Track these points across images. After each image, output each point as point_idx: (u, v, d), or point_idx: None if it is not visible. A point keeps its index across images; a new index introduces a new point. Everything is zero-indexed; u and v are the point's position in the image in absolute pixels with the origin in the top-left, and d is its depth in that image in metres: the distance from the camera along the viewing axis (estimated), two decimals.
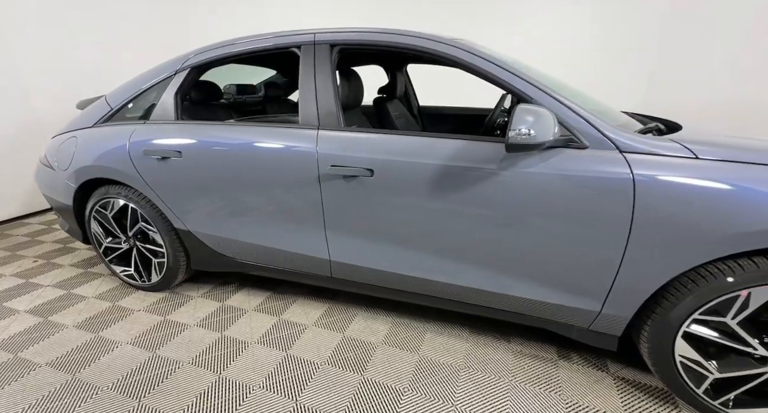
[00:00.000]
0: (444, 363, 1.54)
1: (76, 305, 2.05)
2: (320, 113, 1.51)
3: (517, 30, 4.48)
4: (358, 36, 1.50)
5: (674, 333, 1.18)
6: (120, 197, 1.93)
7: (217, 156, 1.65)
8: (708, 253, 1.07)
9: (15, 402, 1.38)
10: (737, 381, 1.17)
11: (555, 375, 1.47)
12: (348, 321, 1.84)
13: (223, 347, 1.67)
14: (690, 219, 1.07)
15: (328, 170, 1.45)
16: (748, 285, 1.05)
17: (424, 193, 1.35)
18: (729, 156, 1.08)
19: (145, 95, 1.90)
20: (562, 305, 1.33)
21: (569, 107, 1.21)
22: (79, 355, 1.64)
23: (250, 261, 1.86)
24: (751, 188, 1.02)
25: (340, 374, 1.49)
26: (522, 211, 1.25)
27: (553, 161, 1.20)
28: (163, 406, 1.35)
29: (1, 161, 3.37)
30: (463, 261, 1.40)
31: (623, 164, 1.13)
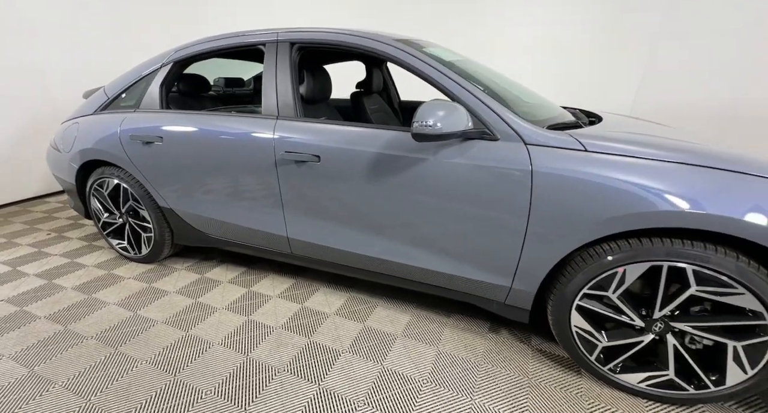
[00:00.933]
0: (384, 332, 1.72)
1: (76, 271, 2.33)
2: (279, 104, 1.70)
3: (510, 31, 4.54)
4: (312, 35, 1.67)
5: (569, 306, 1.32)
6: (113, 177, 2.18)
7: (192, 141, 1.86)
8: (590, 234, 1.20)
9: (15, 344, 1.64)
10: (622, 349, 1.31)
11: (480, 345, 1.63)
12: (309, 294, 2.03)
13: (194, 310, 1.89)
14: (575, 205, 1.20)
15: (283, 155, 1.63)
16: (624, 263, 1.19)
17: (362, 178, 1.52)
18: (613, 150, 1.20)
19: (136, 86, 2.12)
20: (482, 281, 1.48)
21: (485, 103, 1.35)
22: (73, 311, 1.90)
23: (223, 237, 2.08)
24: (622, 178, 1.15)
25: (292, 336, 1.69)
26: (441, 195, 1.40)
27: (468, 151, 1.35)
28: (137, 354, 1.58)
29: (25, 146, 3.72)
30: (396, 239, 1.57)
31: (525, 155, 1.27)
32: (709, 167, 1.11)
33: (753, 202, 1.03)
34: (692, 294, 1.14)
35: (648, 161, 1.15)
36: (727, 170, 1.09)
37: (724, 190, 1.06)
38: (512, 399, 1.35)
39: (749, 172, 1.08)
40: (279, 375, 1.46)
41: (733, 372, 1.16)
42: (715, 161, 1.12)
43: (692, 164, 1.12)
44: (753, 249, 1.09)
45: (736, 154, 1.18)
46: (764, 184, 1.05)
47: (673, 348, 1.22)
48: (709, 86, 3.48)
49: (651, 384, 1.29)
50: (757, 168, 1.09)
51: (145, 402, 1.34)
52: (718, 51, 3.39)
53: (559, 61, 4.54)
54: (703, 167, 1.11)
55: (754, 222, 1.01)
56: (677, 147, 1.22)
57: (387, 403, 1.33)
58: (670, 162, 1.13)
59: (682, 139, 1.36)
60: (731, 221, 1.03)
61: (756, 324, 1.09)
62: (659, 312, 1.21)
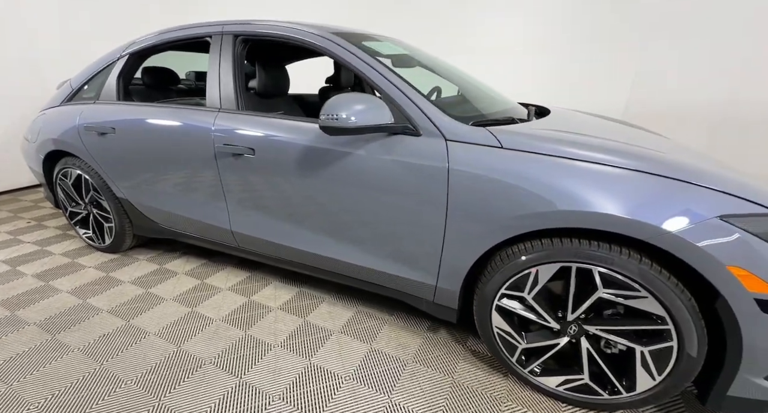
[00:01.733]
0: (322, 327, 1.71)
1: (42, 259, 2.38)
2: (222, 96, 1.70)
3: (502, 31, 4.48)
4: (253, 28, 1.66)
5: (490, 307, 1.30)
6: (75, 167, 2.22)
7: (140, 132, 1.88)
8: (502, 233, 1.18)
9: None
10: (540, 351, 1.28)
11: (414, 344, 1.61)
12: (260, 288, 2.03)
13: (142, 301, 1.92)
14: (488, 203, 1.17)
15: (221, 147, 1.64)
16: (536, 263, 1.16)
17: (293, 171, 1.51)
18: (528, 147, 1.16)
19: (97, 78, 2.15)
20: (409, 279, 1.46)
21: (409, 97, 1.33)
22: (24, 298, 1.94)
23: (176, 229, 2.10)
24: (531, 176, 1.11)
25: (229, 329, 1.70)
26: (366, 190, 1.38)
27: (392, 146, 1.32)
28: (71, 342, 1.61)
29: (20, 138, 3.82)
30: (326, 234, 1.56)
31: (444, 151, 1.25)
32: (618, 167, 1.06)
33: (659, 204, 0.99)
34: (600, 297, 1.10)
35: (557, 159, 1.11)
36: (639, 171, 1.04)
37: (629, 191, 1.02)
38: (430, 399, 1.33)
39: (663, 174, 1.03)
40: (204, 367, 1.47)
41: (642, 378, 1.12)
42: (629, 162, 1.07)
43: (600, 163, 1.08)
44: (657, 253, 1.04)
45: (661, 157, 1.13)
46: (677, 188, 1.00)
47: (586, 352, 1.19)
48: (701, 86, 3.38)
49: (568, 387, 1.26)
50: (677, 172, 1.03)
51: (64, 389, 1.36)
52: (709, 51, 3.29)
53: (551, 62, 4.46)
54: (611, 166, 1.07)
55: (654, 224, 0.97)
56: (595, 146, 1.17)
57: (303, 399, 1.33)
58: (578, 160, 1.10)
59: (615, 139, 1.31)
60: (630, 223, 0.99)
61: (660, 329, 1.05)
62: (572, 315, 1.18)
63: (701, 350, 1.02)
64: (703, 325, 1.01)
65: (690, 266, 0.96)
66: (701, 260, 0.93)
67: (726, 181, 1.02)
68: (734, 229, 0.92)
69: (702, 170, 1.06)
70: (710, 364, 1.07)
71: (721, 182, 1.01)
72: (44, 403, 1.30)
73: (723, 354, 1.03)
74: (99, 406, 1.29)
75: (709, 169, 1.10)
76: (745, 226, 0.92)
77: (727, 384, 1.02)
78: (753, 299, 0.91)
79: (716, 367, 1.05)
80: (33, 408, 1.28)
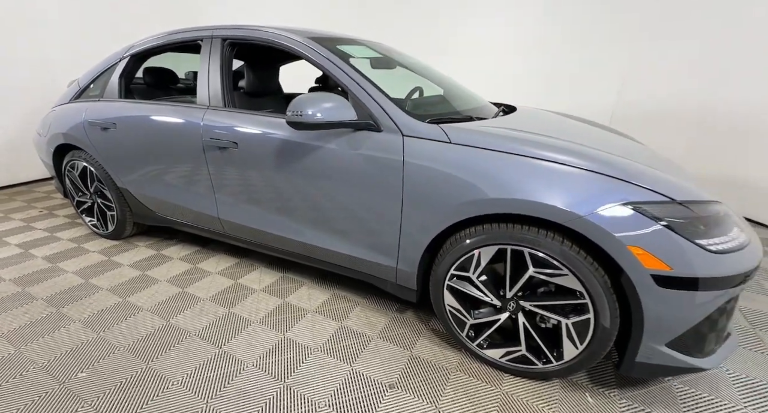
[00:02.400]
0: (299, 307, 1.87)
1: (51, 243, 2.58)
2: (210, 94, 1.86)
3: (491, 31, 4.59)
4: (238, 32, 1.82)
5: (442, 286, 1.44)
6: (81, 159, 2.41)
7: (139, 127, 2.06)
8: (448, 219, 1.32)
9: None
10: (485, 326, 1.41)
11: (381, 323, 1.76)
12: (247, 272, 2.20)
13: (138, 282, 2.10)
14: (436, 191, 1.32)
15: (208, 141, 1.80)
16: (478, 246, 1.30)
17: (271, 162, 1.67)
18: (473, 142, 1.30)
19: (102, 77, 2.34)
20: (374, 262, 1.61)
21: (372, 97, 1.47)
22: (34, 277, 2.13)
23: (171, 217, 2.27)
24: (472, 167, 1.25)
25: (214, 307, 1.86)
26: (334, 181, 1.53)
27: (357, 141, 1.47)
28: (73, 315, 1.79)
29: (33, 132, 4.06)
30: (301, 221, 1.72)
31: (400, 145, 1.39)
32: (544, 160, 1.19)
33: (575, 192, 1.12)
34: (531, 275, 1.24)
35: (493, 152, 1.25)
36: (562, 164, 1.17)
37: (550, 181, 1.15)
38: (387, 368, 1.47)
39: (583, 167, 1.15)
40: (188, 339, 1.64)
41: (568, 348, 1.25)
42: (556, 155, 1.20)
43: (529, 157, 1.21)
44: (575, 235, 1.17)
45: (587, 152, 1.25)
46: (592, 179, 1.13)
47: (522, 326, 1.32)
48: (688, 86, 3.46)
49: (509, 359, 1.39)
50: (597, 165, 1.15)
51: (65, 353, 1.54)
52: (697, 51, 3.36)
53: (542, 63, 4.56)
54: (538, 159, 1.19)
55: (568, 210, 1.10)
56: (530, 141, 1.29)
57: (274, 365, 1.48)
58: (510, 154, 1.23)
59: (558, 136, 1.42)
60: (549, 209, 1.12)
61: (580, 303, 1.18)
62: (510, 292, 1.31)
63: (614, 321, 1.15)
64: (615, 299, 1.14)
65: (600, 247, 1.09)
66: (607, 240, 1.07)
67: (640, 175, 1.15)
68: (635, 214, 1.05)
69: (623, 165, 1.19)
70: (626, 335, 1.20)
71: (636, 175, 1.14)
72: (46, 364, 1.48)
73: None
74: (94, 368, 1.47)
75: (632, 165, 1.22)
76: (644, 211, 1.05)
77: (635, 351, 1.15)
78: (650, 275, 1.04)
79: (629, 337, 1.18)
80: (37, 367, 1.47)
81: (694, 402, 1.32)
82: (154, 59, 2.40)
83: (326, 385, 1.39)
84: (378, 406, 1.31)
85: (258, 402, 1.32)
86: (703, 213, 1.09)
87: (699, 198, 1.13)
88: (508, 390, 1.37)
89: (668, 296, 1.05)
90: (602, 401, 1.32)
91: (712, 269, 1.03)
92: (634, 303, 1.10)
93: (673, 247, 1.03)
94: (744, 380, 1.42)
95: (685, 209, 1.07)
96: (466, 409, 1.29)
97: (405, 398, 1.34)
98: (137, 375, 1.43)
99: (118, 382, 1.40)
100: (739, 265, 1.06)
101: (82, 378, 1.41)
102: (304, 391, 1.36)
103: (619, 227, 1.05)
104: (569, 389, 1.37)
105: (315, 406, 1.30)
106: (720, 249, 1.05)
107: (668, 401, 1.32)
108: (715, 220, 1.10)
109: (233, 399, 1.33)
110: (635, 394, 1.35)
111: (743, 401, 1.33)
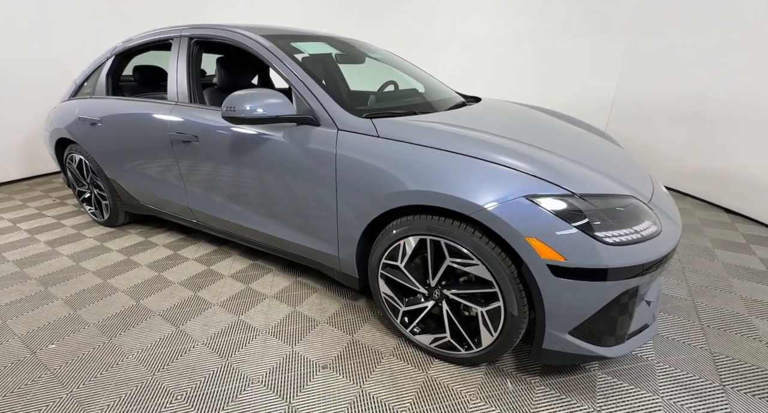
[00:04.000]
0: (259, 292, 1.98)
1: (55, 230, 2.81)
2: (178, 91, 1.98)
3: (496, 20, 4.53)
4: (201, 31, 1.92)
5: (377, 274, 1.50)
6: (77, 153, 2.60)
7: (119, 123, 2.21)
8: (376, 209, 1.37)
9: None
10: (416, 313, 1.47)
11: (332, 309, 1.84)
12: (221, 260, 2.33)
13: (122, 265, 2.27)
14: (365, 182, 1.37)
15: (175, 135, 1.92)
16: (403, 236, 1.35)
17: (226, 154, 1.77)
18: (398, 136, 1.34)
19: (93, 76, 2.51)
20: (319, 250, 1.69)
21: (313, 93, 1.53)
22: (33, 259, 2.35)
23: (153, 206, 2.43)
24: (396, 160, 1.30)
25: (183, 290, 2.00)
26: (279, 172, 1.61)
27: (299, 134, 1.54)
28: (58, 293, 1.98)
29: None
30: (255, 211, 1.81)
31: (334, 139, 1.45)
32: (462, 154, 1.22)
33: (482, 186, 1.14)
34: (449, 265, 1.28)
35: (416, 147, 1.29)
36: (476, 158, 1.20)
37: (462, 175, 1.18)
38: (327, 351, 1.56)
39: (494, 161, 1.18)
40: (152, 318, 1.78)
41: (484, 335, 1.29)
42: (475, 150, 1.22)
43: (449, 151, 1.24)
44: (483, 226, 1.19)
45: (507, 147, 1.26)
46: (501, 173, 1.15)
47: (446, 314, 1.37)
48: (686, 75, 3.31)
49: (437, 344, 1.44)
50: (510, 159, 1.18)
51: (43, 326, 1.72)
52: (695, 40, 3.21)
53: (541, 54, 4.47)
54: (456, 154, 1.22)
55: (474, 202, 1.13)
56: (457, 135, 1.32)
57: (222, 346, 1.59)
58: (431, 148, 1.27)
59: (497, 132, 1.42)
60: (457, 201, 1.16)
61: (491, 292, 1.21)
62: (434, 281, 1.36)
63: (521, 309, 1.18)
64: (521, 288, 1.16)
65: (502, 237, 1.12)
66: (506, 231, 1.09)
67: (547, 168, 1.16)
68: (533, 206, 1.07)
69: (534, 159, 1.20)
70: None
71: (542, 169, 1.15)
72: (25, 335, 1.66)
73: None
74: (65, 341, 1.63)
75: (545, 159, 1.22)
76: (542, 204, 1.07)
77: (541, 339, 1.17)
78: (546, 264, 1.06)
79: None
80: (17, 338, 1.65)
81: (612, 391, 1.33)
82: (149, 57, 2.54)
83: (264, 363, 1.49)
84: (307, 384, 1.39)
85: (199, 376, 1.44)
86: (603, 206, 1.09)
87: (603, 192, 1.13)
88: (434, 375, 1.42)
89: (564, 286, 1.07)
90: (521, 387, 1.35)
91: (605, 260, 1.04)
92: (535, 292, 1.12)
93: (568, 238, 1.04)
94: (673, 372, 1.42)
95: (583, 202, 1.08)
96: (388, 390, 1.36)
97: (334, 377, 1.42)
98: (98, 348, 1.58)
99: (80, 354, 1.55)
100: (637, 257, 1.06)
101: (52, 350, 1.58)
102: (243, 368, 1.47)
103: (518, 219, 1.08)
104: (493, 375, 1.41)
105: (249, 381, 1.41)
106: (618, 241, 1.06)
107: (586, 390, 1.34)
108: (617, 213, 1.11)
109: (179, 373, 1.45)
110: (556, 382, 1.37)
111: (662, 392, 1.33)
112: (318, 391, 1.36)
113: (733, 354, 1.52)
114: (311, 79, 1.57)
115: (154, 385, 1.39)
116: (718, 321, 1.73)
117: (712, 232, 2.67)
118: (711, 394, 1.33)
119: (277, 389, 1.37)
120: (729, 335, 1.63)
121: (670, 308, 1.82)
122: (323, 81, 1.64)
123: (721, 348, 1.56)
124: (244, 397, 1.34)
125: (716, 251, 2.40)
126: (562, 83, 4.29)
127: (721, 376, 1.41)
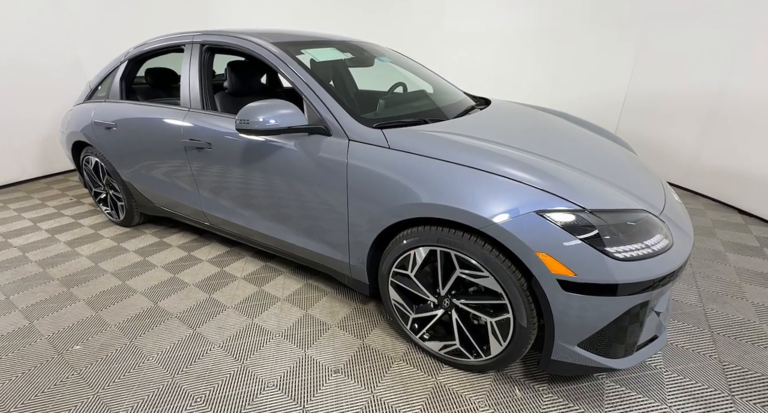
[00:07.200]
0: (272, 295, 2.03)
1: (74, 229, 2.90)
2: (191, 97, 2.01)
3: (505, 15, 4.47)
4: (212, 38, 1.94)
5: (387, 282, 1.53)
6: (93, 155, 2.66)
7: (134, 128, 2.25)
8: (387, 220, 1.39)
9: (7, 280, 2.19)
10: (426, 321, 1.50)
11: (343, 313, 1.88)
12: (233, 261, 2.39)
13: (139, 266, 2.34)
14: (376, 193, 1.39)
15: (188, 142, 1.96)
16: (413, 246, 1.37)
17: (239, 161, 1.80)
18: (410, 148, 1.35)
19: (107, 80, 2.55)
20: (331, 257, 1.72)
21: (325, 103, 1.54)
22: (55, 259, 2.43)
23: (167, 208, 2.48)
24: (407, 173, 1.31)
25: (198, 293, 2.06)
26: (292, 180, 1.64)
27: (310, 143, 1.56)
28: (80, 295, 2.05)
29: None
30: (267, 216, 1.85)
31: (345, 149, 1.47)
32: (472, 167, 1.23)
33: (493, 200, 1.15)
34: (459, 276, 1.30)
35: (428, 159, 1.30)
36: (487, 172, 1.20)
37: (474, 188, 1.19)
38: (338, 355, 1.60)
39: (505, 175, 1.19)
40: (170, 320, 1.84)
41: (493, 344, 1.31)
42: (485, 163, 1.23)
43: (459, 164, 1.25)
44: (494, 240, 1.20)
45: (516, 159, 1.27)
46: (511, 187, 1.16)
47: (455, 322, 1.39)
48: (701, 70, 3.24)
49: (446, 351, 1.47)
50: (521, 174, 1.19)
51: (67, 327, 1.79)
52: (711, 35, 3.13)
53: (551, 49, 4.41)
54: (467, 167, 1.24)
55: (485, 217, 1.14)
56: (467, 147, 1.33)
57: (237, 346, 1.65)
58: (443, 161, 1.28)
59: (506, 142, 1.43)
60: (468, 215, 1.17)
61: (500, 303, 1.24)
62: (444, 291, 1.38)
63: (530, 321, 1.20)
64: (531, 301, 1.18)
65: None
66: (517, 246, 1.11)
67: (559, 183, 1.16)
68: (543, 221, 1.08)
69: (546, 173, 1.20)
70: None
71: (554, 184, 1.16)
72: (52, 336, 1.74)
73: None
74: (89, 342, 1.70)
75: (558, 173, 1.22)
76: (551, 219, 1.08)
77: (550, 350, 1.20)
78: (556, 279, 1.08)
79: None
80: (44, 338, 1.72)
81: (620, 400, 1.35)
82: (162, 60, 2.58)
83: (279, 367, 1.54)
84: (320, 389, 1.44)
85: (216, 379, 1.49)
86: (614, 221, 1.10)
87: (615, 207, 1.13)
88: (443, 381, 1.46)
89: (574, 301, 1.09)
90: (530, 394, 1.38)
91: (616, 275, 1.05)
92: (544, 306, 1.14)
93: (578, 254, 1.06)
94: (681, 381, 1.43)
95: (594, 218, 1.09)
96: (399, 395, 1.40)
97: (346, 382, 1.46)
98: (120, 350, 1.65)
99: (104, 355, 1.62)
100: (648, 272, 1.07)
101: (77, 351, 1.65)
102: (258, 372, 1.52)
103: (528, 234, 1.09)
104: (501, 381, 1.44)
105: (265, 385, 1.46)
106: (628, 256, 1.07)
107: (594, 398, 1.36)
108: (628, 228, 1.11)
109: (197, 376, 1.51)
110: (564, 389, 1.40)
111: (670, 401, 1.34)
112: (331, 396, 1.41)
113: (743, 363, 1.53)
114: (323, 89, 1.58)
115: (174, 387, 1.45)
116: (728, 328, 1.73)
117: (724, 234, 2.64)
118: (719, 404, 1.34)
119: (292, 393, 1.42)
120: (739, 343, 1.64)
121: (680, 314, 1.82)
122: (334, 89, 1.65)
123: (731, 356, 1.56)
124: (261, 401, 1.39)
125: (728, 254, 2.38)
126: (572, 79, 4.22)
127: (730, 386, 1.42)
